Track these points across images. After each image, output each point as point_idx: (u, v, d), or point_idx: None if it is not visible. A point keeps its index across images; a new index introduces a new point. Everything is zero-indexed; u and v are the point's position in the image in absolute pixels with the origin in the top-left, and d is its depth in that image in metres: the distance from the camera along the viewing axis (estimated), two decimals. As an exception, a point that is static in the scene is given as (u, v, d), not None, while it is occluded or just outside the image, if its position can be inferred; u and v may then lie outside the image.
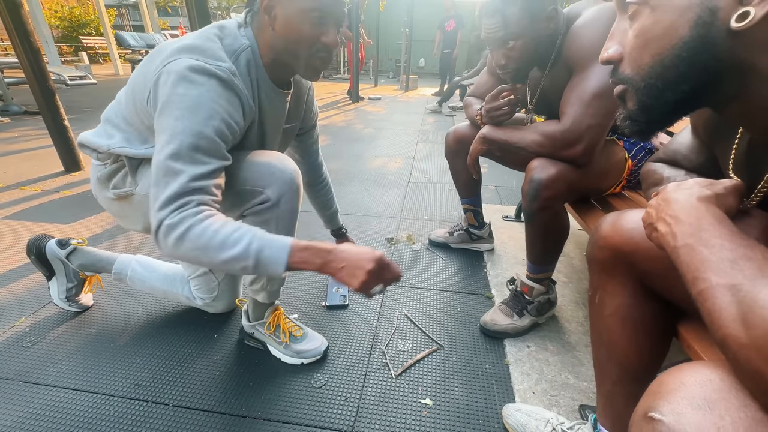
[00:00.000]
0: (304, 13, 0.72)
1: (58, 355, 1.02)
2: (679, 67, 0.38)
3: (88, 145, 0.87)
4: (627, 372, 0.65)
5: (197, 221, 0.65)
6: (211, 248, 0.64)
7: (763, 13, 0.32)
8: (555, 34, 0.92)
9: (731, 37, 0.34)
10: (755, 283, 0.29)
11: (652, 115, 0.42)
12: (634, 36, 0.41)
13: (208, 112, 0.67)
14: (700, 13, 0.35)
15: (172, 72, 0.68)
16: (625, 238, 0.58)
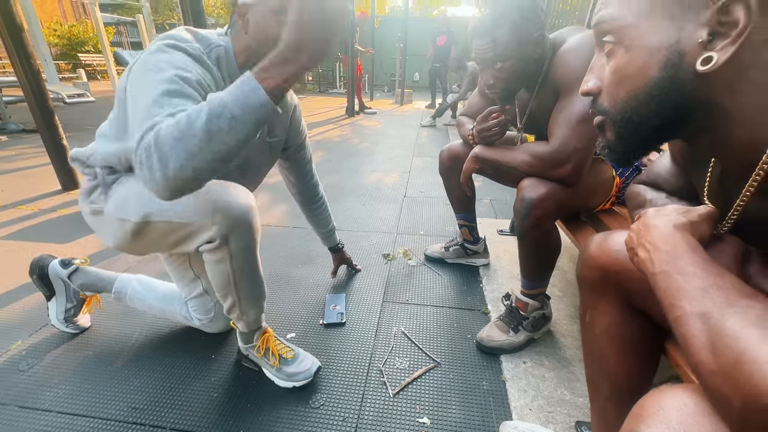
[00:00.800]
0: (273, 13, 0.75)
1: (55, 379, 1.01)
2: (651, 104, 0.41)
3: (77, 157, 0.90)
4: (618, 389, 0.66)
5: (158, 128, 0.57)
6: (187, 132, 0.55)
7: (725, 59, 0.35)
8: (542, 57, 0.96)
9: (698, 78, 0.37)
10: (723, 312, 0.31)
11: (628, 146, 0.45)
12: (611, 72, 0.44)
13: (177, 67, 0.67)
14: (668, 55, 0.38)
15: (145, 54, 0.70)
16: (611, 258, 0.60)
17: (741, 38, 0.34)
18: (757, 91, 0.36)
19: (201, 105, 0.57)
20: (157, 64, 0.67)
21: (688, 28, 0.37)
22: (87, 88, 7.93)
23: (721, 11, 0.35)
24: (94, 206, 0.88)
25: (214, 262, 0.83)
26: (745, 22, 0.33)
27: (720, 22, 0.35)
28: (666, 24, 0.38)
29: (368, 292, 1.41)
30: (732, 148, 0.40)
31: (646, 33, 0.39)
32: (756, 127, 0.37)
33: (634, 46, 0.41)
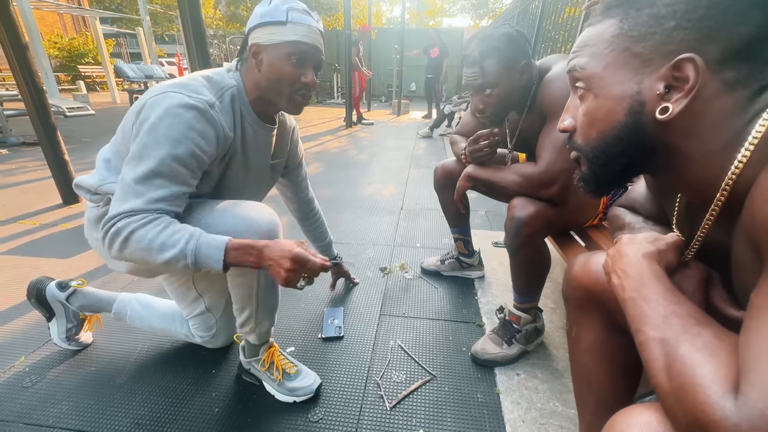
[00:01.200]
0: (286, 56, 0.82)
1: (59, 395, 1.03)
2: (619, 145, 0.45)
3: (81, 185, 0.92)
4: (604, 402, 0.69)
5: (141, 225, 0.71)
6: (153, 250, 0.71)
7: (679, 110, 0.39)
8: (529, 83, 1.01)
9: (658, 125, 0.42)
10: (678, 339, 0.35)
11: (600, 180, 0.50)
12: (583, 114, 0.48)
13: (175, 142, 0.73)
14: (632, 103, 0.43)
15: (155, 104, 0.75)
16: (593, 279, 0.64)
17: (692, 92, 0.38)
18: (709, 137, 0.40)
19: (177, 238, 0.71)
20: (166, 129, 0.73)
21: (647, 80, 0.42)
22: (87, 101, 8.01)
23: (674, 68, 0.39)
24: None
25: (239, 276, 0.88)
26: (694, 79, 0.38)
27: (674, 77, 0.40)
28: (628, 76, 0.43)
29: (366, 306, 1.44)
30: (691, 185, 0.45)
31: (612, 83, 0.44)
32: (709, 168, 0.41)
33: (601, 94, 0.45)
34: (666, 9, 0.39)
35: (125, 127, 0.84)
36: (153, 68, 5.50)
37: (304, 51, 0.82)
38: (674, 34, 0.39)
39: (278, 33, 0.80)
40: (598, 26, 0.46)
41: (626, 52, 0.43)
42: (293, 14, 0.80)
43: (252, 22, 0.83)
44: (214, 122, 0.79)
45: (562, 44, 2.98)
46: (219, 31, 16.37)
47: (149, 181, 0.72)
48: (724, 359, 0.31)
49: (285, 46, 0.81)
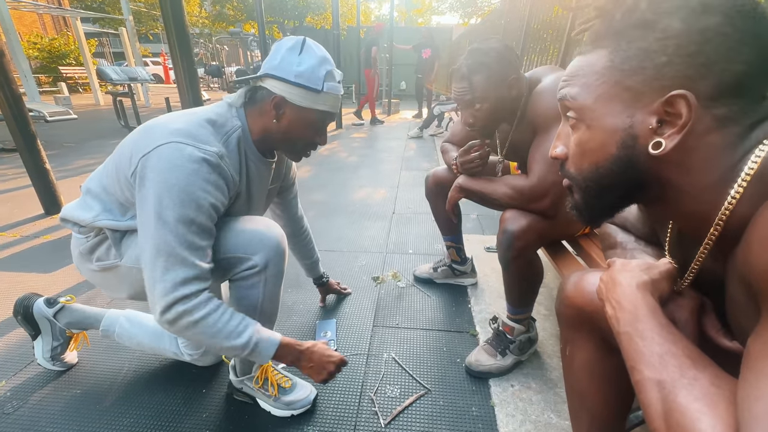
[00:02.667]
0: (311, 122, 0.85)
1: (42, 421, 1.00)
2: (611, 177, 0.45)
3: (70, 219, 0.89)
4: (598, 420, 0.69)
5: (210, 312, 0.75)
6: (220, 336, 0.77)
7: (672, 145, 0.39)
8: (519, 96, 1.01)
9: (651, 159, 0.41)
10: (675, 384, 0.35)
11: (593, 210, 0.49)
12: (575, 144, 0.47)
13: (198, 201, 0.74)
14: (624, 137, 0.42)
15: (163, 156, 0.72)
16: (586, 300, 0.64)
17: (685, 129, 0.38)
18: (702, 172, 0.40)
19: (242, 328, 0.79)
20: (185, 189, 0.72)
21: (639, 115, 0.41)
22: (69, 103, 7.81)
23: (667, 104, 0.39)
24: (103, 263, 0.89)
25: (246, 288, 0.88)
26: (687, 116, 0.37)
27: (666, 112, 0.39)
28: (620, 109, 0.42)
29: (358, 317, 1.43)
30: (684, 217, 0.44)
31: (603, 116, 0.43)
32: (702, 203, 0.41)
33: (593, 126, 0.44)
34: (657, 44, 0.39)
35: (120, 167, 0.80)
36: (137, 70, 5.35)
37: (327, 119, 0.87)
38: (666, 70, 0.38)
39: (311, 99, 0.82)
40: (588, 56, 0.45)
41: (618, 85, 0.42)
42: (328, 83, 0.82)
43: (280, 73, 0.79)
44: (225, 174, 0.79)
45: (550, 43, 2.99)
46: (205, 30, 16.12)
47: (185, 243, 0.73)
48: (722, 412, 0.31)
49: (314, 113, 0.84)
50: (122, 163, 0.79)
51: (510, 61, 0.96)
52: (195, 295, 0.74)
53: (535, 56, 3.30)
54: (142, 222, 0.74)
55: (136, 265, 0.86)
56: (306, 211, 1.35)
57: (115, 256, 0.88)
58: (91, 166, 3.66)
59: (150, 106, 8.59)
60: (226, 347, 0.78)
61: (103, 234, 0.89)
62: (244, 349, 0.78)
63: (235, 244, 0.83)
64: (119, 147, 0.84)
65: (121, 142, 0.85)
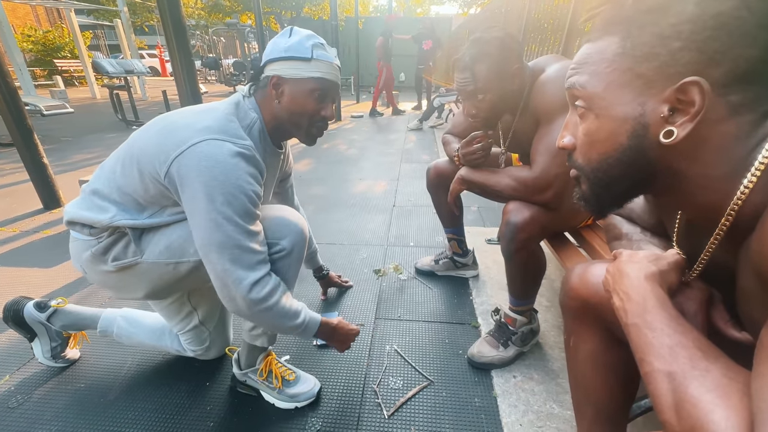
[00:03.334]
0: (309, 92, 0.84)
1: (47, 415, 1.00)
2: (621, 167, 0.44)
3: (80, 221, 0.86)
4: (602, 412, 0.69)
5: (281, 297, 0.83)
6: (286, 318, 0.84)
7: (685, 134, 0.38)
8: (522, 86, 0.99)
9: (661, 148, 0.40)
10: (686, 375, 0.34)
11: (601, 201, 0.48)
12: (583, 134, 0.47)
13: (247, 192, 0.77)
14: (634, 126, 0.41)
15: (203, 154, 0.74)
16: (591, 291, 0.64)
17: (698, 117, 0.37)
18: (714, 161, 0.39)
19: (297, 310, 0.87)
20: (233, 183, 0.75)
21: (650, 103, 0.40)
22: (65, 96, 7.73)
23: (679, 91, 0.37)
24: (121, 262, 0.87)
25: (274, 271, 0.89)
26: (700, 104, 0.36)
27: (679, 100, 0.38)
28: (631, 97, 0.41)
29: (360, 310, 1.43)
30: (695, 208, 0.44)
31: (614, 104, 0.42)
32: (714, 192, 0.40)
33: (602, 115, 0.43)
34: (671, 29, 0.37)
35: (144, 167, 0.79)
36: (133, 62, 5.28)
37: (325, 87, 0.86)
38: (679, 56, 0.37)
39: (302, 68, 0.83)
40: (598, 43, 0.44)
41: (629, 72, 0.41)
42: (318, 51, 0.83)
43: (273, 54, 0.83)
44: (259, 166, 0.82)
45: (551, 33, 2.95)
46: (201, 22, 15.89)
47: (246, 233, 0.77)
48: (736, 403, 0.30)
49: (309, 81, 0.83)
50: (147, 164, 0.78)
51: (513, 50, 0.95)
52: (266, 278, 0.80)
53: (535, 46, 3.26)
54: (195, 222, 0.77)
55: (161, 259, 0.87)
56: (306, 205, 1.35)
57: (134, 253, 0.87)
58: (90, 160, 3.63)
59: (147, 99, 8.52)
60: (288, 326, 0.85)
61: (118, 233, 0.87)
62: (299, 327, 0.87)
63: (265, 230, 0.86)
64: (134, 147, 0.82)
65: (134, 141, 0.83)
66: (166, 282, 0.91)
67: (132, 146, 0.83)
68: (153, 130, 0.81)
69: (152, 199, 0.83)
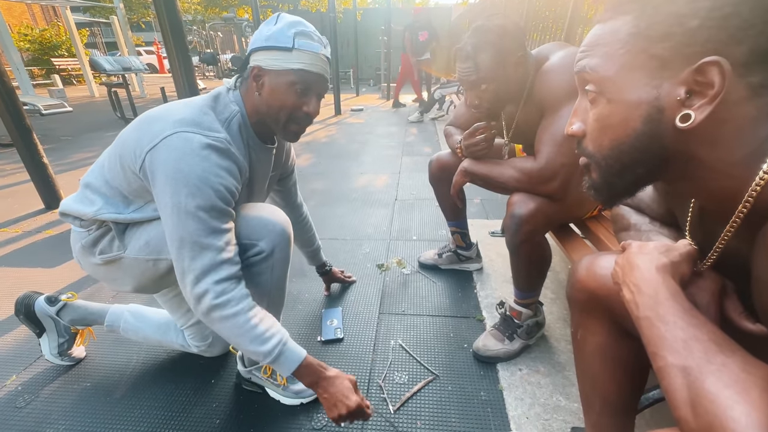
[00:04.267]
0: (289, 84, 0.79)
1: (54, 414, 1.01)
2: (634, 153, 0.42)
3: (71, 213, 0.87)
4: (610, 404, 0.69)
5: (243, 310, 0.75)
6: (247, 338, 0.76)
7: (702, 117, 0.36)
8: (525, 75, 0.97)
9: (677, 133, 0.38)
10: (702, 370, 0.33)
11: (613, 190, 0.47)
12: (594, 120, 0.45)
13: (214, 186, 0.73)
14: (649, 110, 0.39)
15: (172, 147, 0.71)
16: (599, 283, 0.62)
17: (717, 99, 0.35)
18: (732, 145, 0.37)
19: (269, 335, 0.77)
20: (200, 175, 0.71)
21: (666, 85, 0.38)
22: (63, 95, 7.70)
23: (698, 72, 0.36)
24: (106, 256, 0.88)
25: (254, 275, 0.87)
26: (720, 85, 0.34)
27: (697, 82, 0.36)
28: (645, 80, 0.39)
29: (364, 305, 1.42)
30: (711, 195, 0.42)
31: (627, 87, 0.40)
32: (731, 178, 0.38)
33: (615, 99, 0.41)
34: (688, 6, 0.35)
35: (125, 161, 0.78)
36: (131, 59, 5.25)
37: (308, 80, 0.80)
38: (697, 34, 0.35)
39: (283, 59, 0.77)
40: (610, 23, 0.42)
41: (643, 53, 0.39)
42: (300, 40, 0.77)
43: (255, 43, 0.79)
44: (235, 159, 0.79)
45: (553, 22, 2.90)
46: (198, 17, 15.74)
47: (208, 229, 0.73)
48: (755, 399, 0.29)
49: (289, 74, 0.78)
50: (127, 157, 0.78)
51: (516, 37, 0.92)
52: (229, 283, 0.75)
53: (537, 35, 3.21)
54: (163, 217, 0.74)
55: (141, 255, 0.86)
56: (307, 200, 1.34)
57: (118, 247, 0.87)
58: (90, 159, 3.62)
59: (146, 97, 8.48)
60: (249, 350, 0.77)
61: (105, 227, 0.88)
62: (266, 357, 0.77)
63: (240, 230, 0.83)
64: (119, 140, 0.82)
65: (120, 135, 0.83)
66: (148, 278, 0.90)
67: (116, 140, 0.83)
68: (133, 125, 0.80)
69: (136, 193, 0.82)
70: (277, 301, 0.95)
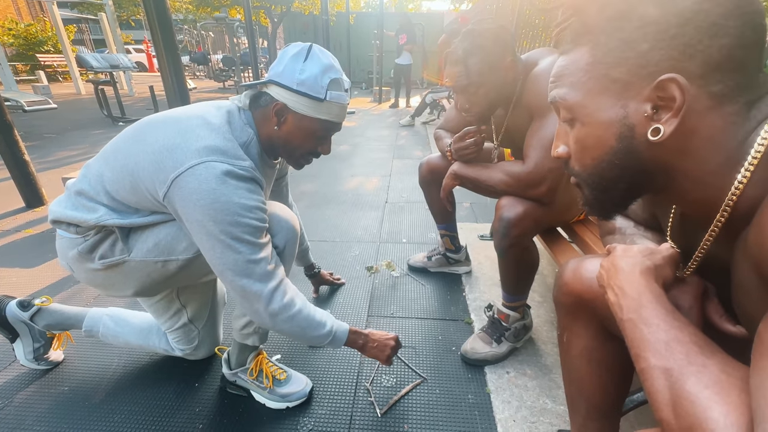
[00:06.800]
0: (313, 132, 0.83)
1: (29, 420, 0.97)
2: (614, 170, 0.44)
3: (65, 220, 0.83)
4: (595, 407, 0.69)
5: (302, 306, 0.82)
6: (311, 327, 0.83)
7: (672, 130, 0.38)
8: (515, 80, 0.98)
9: (652, 147, 0.40)
10: (683, 371, 0.33)
11: (604, 204, 0.48)
12: (574, 142, 0.46)
13: (250, 210, 0.75)
14: (621, 128, 0.41)
15: (202, 177, 0.71)
16: (585, 286, 0.63)
17: (681, 111, 0.36)
18: (706, 154, 0.38)
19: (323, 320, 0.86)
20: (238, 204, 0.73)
21: (632, 104, 0.40)
22: (48, 92, 7.52)
23: (658, 89, 0.37)
24: (107, 261, 0.85)
25: None
26: (681, 98, 0.36)
27: (659, 97, 0.38)
28: (612, 101, 0.41)
29: (353, 307, 1.41)
30: (691, 203, 0.43)
31: (596, 110, 0.42)
32: (709, 187, 0.39)
33: (588, 122, 0.44)
34: (637, 32, 0.38)
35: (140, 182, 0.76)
36: (119, 57, 5.15)
37: (331, 129, 0.85)
38: (650, 56, 0.37)
39: (312, 108, 0.79)
40: (570, 54, 0.45)
41: (604, 78, 0.41)
42: (332, 92, 0.79)
43: (284, 80, 0.78)
44: (260, 182, 0.80)
45: (542, 30, 2.95)
46: (189, 16, 15.58)
47: (256, 246, 0.76)
48: (734, 399, 0.30)
49: (316, 122, 0.81)
50: (144, 180, 0.75)
51: (507, 42, 0.94)
52: (283, 287, 0.79)
53: (526, 43, 3.26)
54: (205, 246, 0.76)
55: (149, 257, 0.85)
56: (297, 202, 1.33)
57: (122, 251, 0.84)
58: (74, 157, 3.54)
59: (134, 95, 8.34)
60: (313, 336, 0.84)
61: (105, 231, 0.84)
62: (327, 337, 0.85)
63: None
64: (130, 159, 0.77)
65: (128, 152, 0.78)
66: (154, 280, 0.89)
67: (126, 156, 0.78)
68: (150, 146, 0.75)
69: (147, 207, 0.82)
70: None
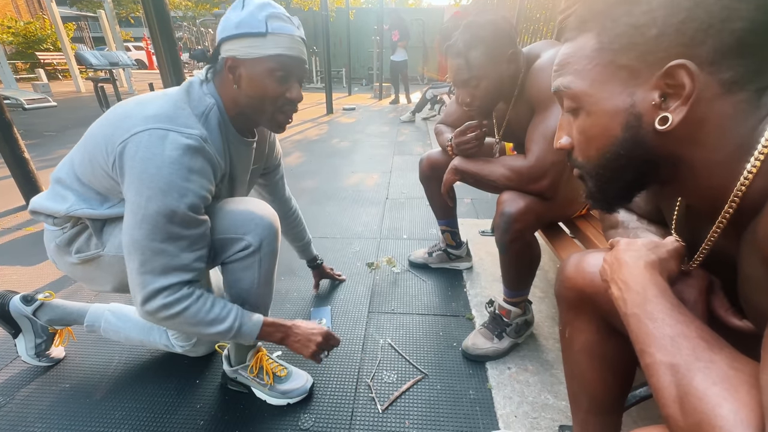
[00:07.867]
0: (269, 72, 0.75)
1: (30, 417, 0.97)
2: (620, 160, 0.42)
3: (42, 211, 0.83)
4: (597, 403, 0.69)
5: (192, 303, 0.75)
6: (203, 324, 0.77)
7: (680, 118, 0.36)
8: (516, 73, 0.97)
9: (659, 136, 0.39)
10: (690, 367, 0.33)
11: (609, 196, 0.47)
12: (578, 133, 0.45)
13: (180, 191, 0.69)
14: (627, 117, 0.40)
15: (141, 145, 0.68)
16: (587, 280, 0.62)
17: (691, 99, 0.35)
18: (715, 144, 0.37)
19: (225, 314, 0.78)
20: (166, 179, 0.68)
21: (639, 92, 0.39)
22: (48, 90, 7.52)
23: (666, 76, 0.36)
24: (83, 255, 0.84)
25: (241, 270, 0.85)
26: (690, 85, 0.35)
27: (668, 85, 0.37)
28: (619, 89, 0.40)
29: (353, 303, 1.41)
30: (698, 195, 0.42)
31: (602, 99, 0.41)
32: (717, 178, 0.38)
33: (593, 111, 0.42)
34: (645, 17, 0.36)
35: (95, 158, 0.75)
36: (118, 54, 5.13)
37: (288, 65, 0.76)
38: (659, 41, 0.36)
39: (258, 46, 0.73)
40: (575, 42, 0.43)
41: (611, 65, 0.40)
42: (273, 23, 0.73)
43: (225, 32, 0.74)
44: (210, 158, 0.75)
45: (544, 24, 2.92)
46: (188, 13, 15.50)
47: (165, 234, 0.70)
48: (744, 397, 0.29)
49: (267, 60, 0.74)
50: (97, 153, 0.74)
51: (508, 34, 0.92)
52: (176, 287, 0.73)
53: (527, 37, 3.23)
54: (125, 213, 0.71)
55: (121, 252, 0.83)
56: (297, 199, 1.32)
57: (96, 245, 0.84)
58: (74, 155, 3.53)
59: (134, 93, 8.32)
60: (210, 333, 0.78)
61: (81, 224, 0.84)
62: (228, 333, 0.79)
63: (227, 225, 0.81)
64: (89, 135, 0.78)
65: (90, 130, 0.79)
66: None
67: (91, 134, 0.78)
68: (104, 119, 0.76)
69: (109, 191, 0.79)
70: (265, 296, 0.93)
